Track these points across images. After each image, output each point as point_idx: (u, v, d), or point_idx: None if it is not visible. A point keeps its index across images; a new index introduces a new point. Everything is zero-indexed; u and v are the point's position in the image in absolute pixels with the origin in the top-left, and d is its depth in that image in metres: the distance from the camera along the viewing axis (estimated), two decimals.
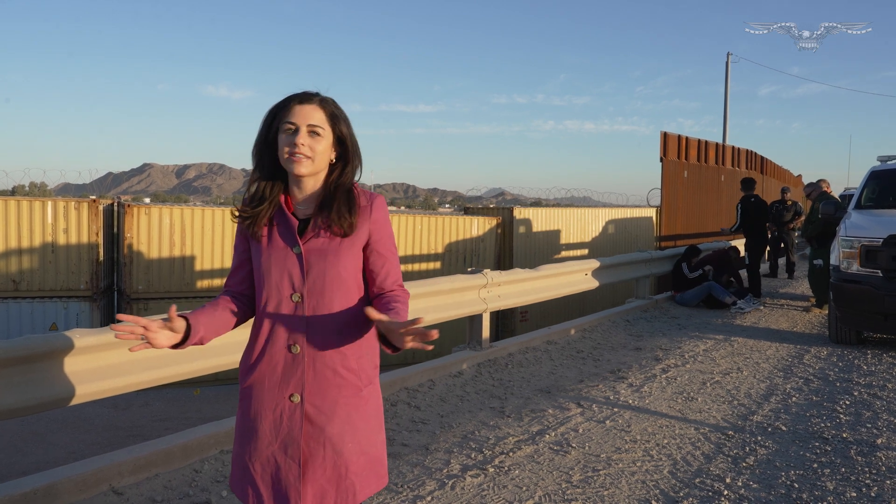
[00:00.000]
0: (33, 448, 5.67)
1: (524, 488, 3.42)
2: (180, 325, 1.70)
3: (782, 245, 14.12)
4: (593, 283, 8.15)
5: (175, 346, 1.73)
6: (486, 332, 6.16)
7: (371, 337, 1.83)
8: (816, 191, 10.01)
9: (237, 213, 1.82)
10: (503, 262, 12.72)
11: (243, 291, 1.87)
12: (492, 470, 3.64)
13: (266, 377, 1.78)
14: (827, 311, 8.47)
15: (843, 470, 3.73)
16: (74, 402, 3.12)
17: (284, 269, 1.76)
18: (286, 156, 1.74)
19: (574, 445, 4.03)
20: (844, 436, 4.30)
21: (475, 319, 6.13)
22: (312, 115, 1.76)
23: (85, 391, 3.14)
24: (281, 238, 1.78)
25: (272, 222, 1.79)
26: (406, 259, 11.71)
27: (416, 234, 11.93)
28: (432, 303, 5.49)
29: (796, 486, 3.51)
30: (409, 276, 10.60)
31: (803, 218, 12.46)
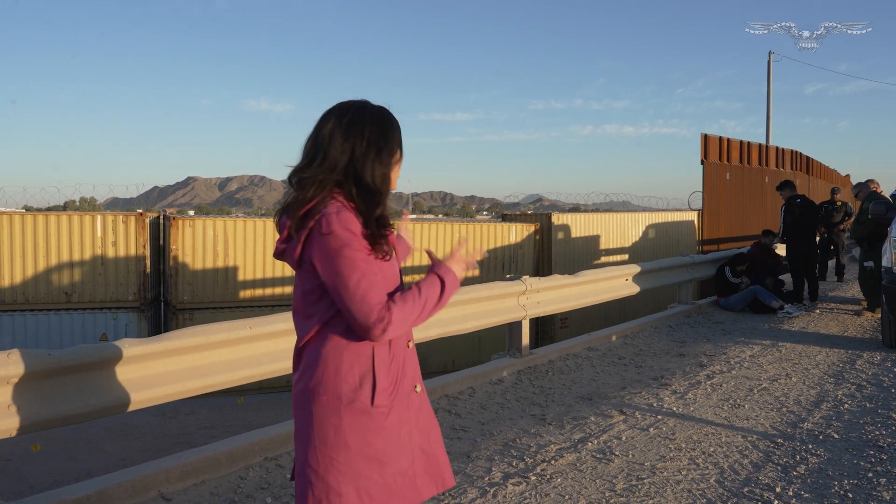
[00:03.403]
0: (85, 455, 5.83)
1: (567, 497, 3.39)
2: None
3: (832, 247, 13.72)
4: (634, 289, 8.04)
5: None
6: (525, 339, 6.13)
7: None
8: (865, 191, 9.67)
9: (379, 239, 1.78)
10: (542, 268, 12.63)
11: None
12: (533, 478, 3.61)
13: (399, 376, 1.87)
14: (879, 315, 8.18)
15: None
16: (125, 409, 3.21)
17: (400, 277, 1.92)
18: (395, 187, 1.89)
19: (617, 453, 3.98)
20: None
21: (514, 326, 6.11)
22: None
23: (135, 399, 3.22)
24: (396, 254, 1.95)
25: None
26: None
27: (453, 241, 11.93)
28: (471, 310, 5.49)
29: (850, 495, 3.39)
30: None
31: (853, 219, 12.06)
